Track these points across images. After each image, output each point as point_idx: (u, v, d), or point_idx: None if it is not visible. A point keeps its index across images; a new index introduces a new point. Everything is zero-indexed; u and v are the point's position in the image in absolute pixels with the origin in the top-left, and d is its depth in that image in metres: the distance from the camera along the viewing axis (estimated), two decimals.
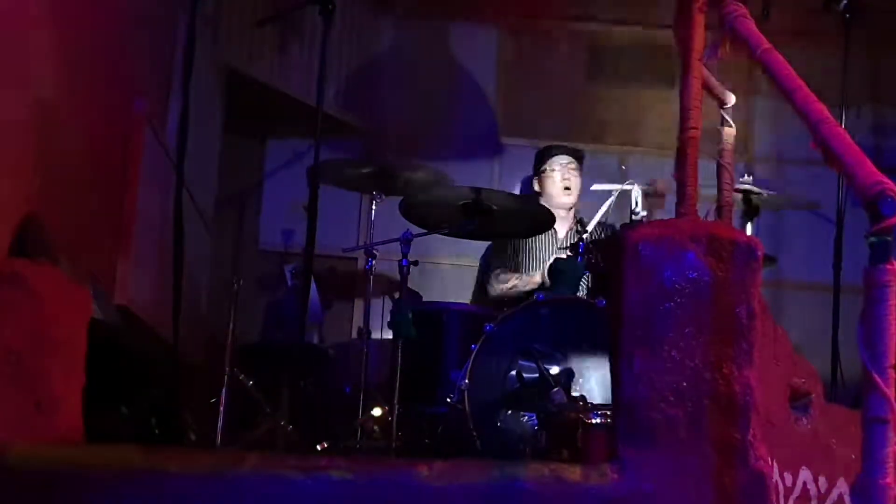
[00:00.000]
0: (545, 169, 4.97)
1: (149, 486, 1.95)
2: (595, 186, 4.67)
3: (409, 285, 3.81)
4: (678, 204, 2.26)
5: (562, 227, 4.83)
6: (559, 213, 4.61)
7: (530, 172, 5.14)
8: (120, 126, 3.65)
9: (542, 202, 4.91)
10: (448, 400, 3.66)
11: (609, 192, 4.46)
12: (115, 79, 3.55)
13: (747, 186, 4.28)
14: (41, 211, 2.70)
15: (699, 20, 2.34)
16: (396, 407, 3.59)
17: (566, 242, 4.86)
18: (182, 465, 1.96)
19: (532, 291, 4.46)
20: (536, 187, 5.04)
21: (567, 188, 4.89)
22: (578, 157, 5.03)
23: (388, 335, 3.82)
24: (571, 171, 4.93)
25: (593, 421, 3.09)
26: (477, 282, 5.20)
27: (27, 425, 2.24)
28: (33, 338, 2.33)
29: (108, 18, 3.42)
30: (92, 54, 3.23)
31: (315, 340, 4.83)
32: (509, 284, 4.69)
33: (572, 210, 4.97)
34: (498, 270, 4.78)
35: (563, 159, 4.94)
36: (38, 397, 2.32)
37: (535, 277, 4.59)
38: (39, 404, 2.31)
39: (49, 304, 2.41)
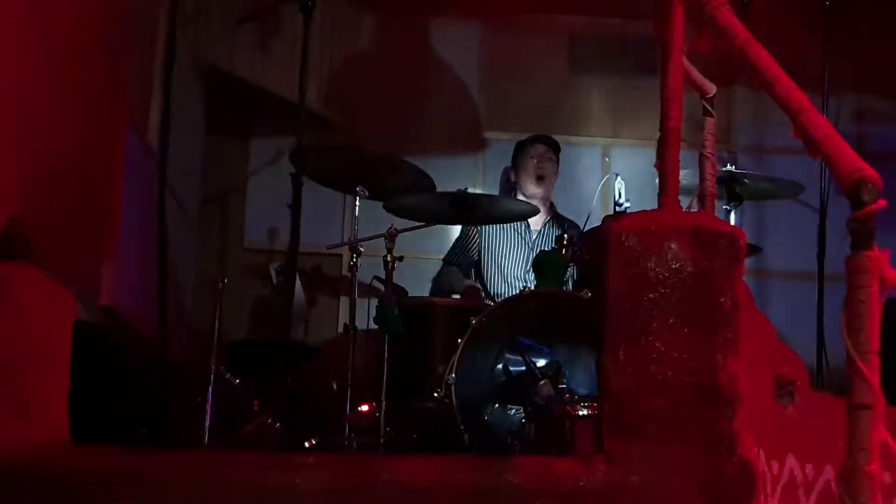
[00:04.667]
0: (521, 158, 5.00)
1: (136, 487, 1.94)
2: None
3: (395, 280, 3.81)
4: (661, 195, 2.26)
5: (537, 220, 4.84)
6: (532, 203, 4.63)
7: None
8: (102, 126, 3.63)
9: (518, 193, 4.93)
10: (435, 395, 3.66)
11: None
12: (97, 79, 3.53)
13: (731, 170, 4.29)
14: (24, 213, 2.69)
15: (679, 10, 2.34)
16: (384, 403, 3.59)
17: (542, 236, 4.89)
18: (169, 466, 1.96)
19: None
20: (512, 177, 5.08)
21: (540, 177, 4.91)
22: (554, 146, 5.04)
23: (375, 331, 3.81)
24: (546, 161, 4.95)
25: (581, 413, 3.10)
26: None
27: (12, 429, 2.23)
28: (17, 341, 2.32)
29: (89, 18, 3.41)
30: (73, 55, 3.22)
31: (301, 337, 4.82)
32: (454, 286, 4.80)
33: (548, 202, 4.99)
34: (454, 269, 4.90)
35: (538, 148, 4.98)
36: (23, 401, 2.31)
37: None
38: (24, 408, 2.30)
39: (33, 307, 2.40)
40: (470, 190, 4.07)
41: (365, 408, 3.85)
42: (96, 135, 3.56)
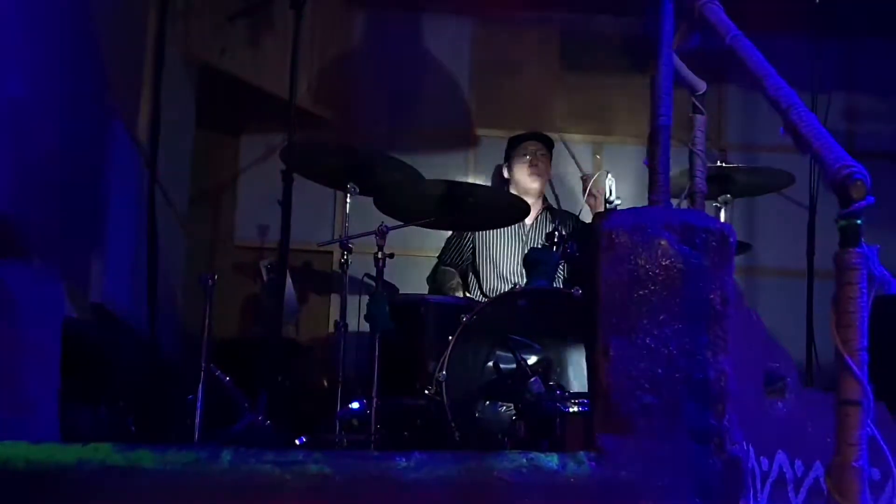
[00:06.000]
0: (514, 155, 5.01)
1: (125, 483, 1.94)
2: None
3: (385, 278, 3.80)
4: (651, 192, 2.26)
5: (530, 214, 4.85)
6: (528, 199, 4.64)
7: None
8: (92, 122, 3.62)
9: (512, 189, 4.94)
10: (426, 392, 3.66)
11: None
12: (87, 75, 3.52)
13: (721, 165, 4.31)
14: (13, 210, 2.68)
15: (670, 8, 2.35)
16: (375, 400, 3.59)
17: (535, 229, 4.89)
18: (158, 462, 1.95)
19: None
20: (506, 174, 5.10)
21: (534, 173, 4.93)
22: (548, 143, 5.06)
23: (366, 328, 3.81)
24: (540, 157, 4.98)
25: (571, 410, 3.11)
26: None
27: (2, 426, 2.23)
28: (7, 338, 2.32)
29: (79, 14, 3.40)
30: (63, 51, 3.21)
31: (292, 335, 4.82)
32: (450, 284, 4.80)
33: (541, 197, 5.01)
34: (449, 269, 4.89)
35: (531, 145, 5.00)
36: (13, 398, 2.30)
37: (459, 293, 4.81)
38: (15, 405, 2.30)
39: (23, 305, 2.39)
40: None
41: (356, 405, 3.85)
42: (86, 132, 3.56)
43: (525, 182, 4.94)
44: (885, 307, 2.08)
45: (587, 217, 4.81)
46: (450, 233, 5.07)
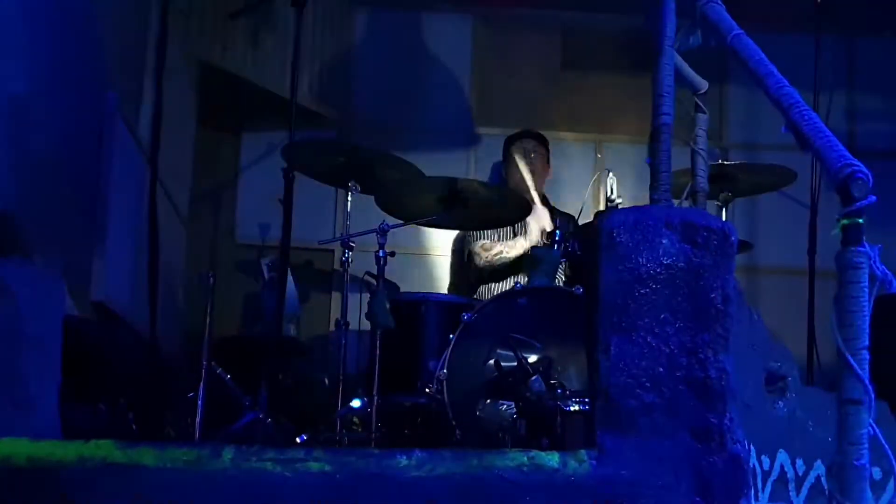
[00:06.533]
0: (510, 154, 5.01)
1: (127, 480, 1.94)
2: None
3: (386, 276, 3.81)
4: (652, 190, 2.26)
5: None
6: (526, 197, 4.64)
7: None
8: (93, 120, 3.62)
9: (510, 187, 4.94)
10: (427, 390, 3.66)
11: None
12: (88, 73, 3.52)
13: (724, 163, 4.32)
14: (14, 207, 2.68)
15: (671, 6, 2.35)
16: (376, 398, 3.59)
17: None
18: (159, 460, 1.95)
19: (513, 269, 4.54)
20: (503, 173, 5.10)
21: (531, 172, 4.92)
22: (543, 141, 5.06)
23: (367, 326, 3.82)
24: (536, 156, 4.97)
25: (572, 408, 3.11)
26: (452, 265, 5.22)
27: (3, 424, 2.23)
28: (8, 335, 2.31)
29: (80, 12, 3.40)
30: (64, 49, 3.21)
31: (292, 333, 4.82)
32: (495, 251, 4.74)
33: (541, 195, 5.00)
34: (484, 242, 4.84)
35: (527, 144, 4.99)
36: (14, 395, 2.30)
37: (519, 242, 4.63)
38: (16, 402, 2.30)
39: (23, 302, 2.39)
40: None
41: (356, 403, 3.85)
42: (87, 129, 3.56)
43: (521, 180, 4.93)
44: (887, 306, 2.08)
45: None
46: (452, 239, 5.08)
